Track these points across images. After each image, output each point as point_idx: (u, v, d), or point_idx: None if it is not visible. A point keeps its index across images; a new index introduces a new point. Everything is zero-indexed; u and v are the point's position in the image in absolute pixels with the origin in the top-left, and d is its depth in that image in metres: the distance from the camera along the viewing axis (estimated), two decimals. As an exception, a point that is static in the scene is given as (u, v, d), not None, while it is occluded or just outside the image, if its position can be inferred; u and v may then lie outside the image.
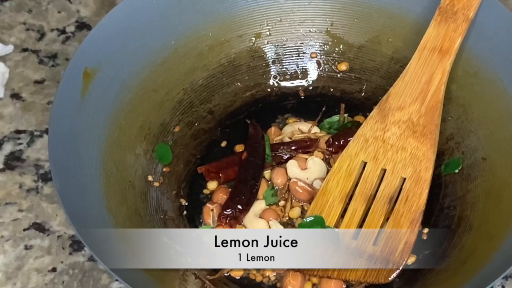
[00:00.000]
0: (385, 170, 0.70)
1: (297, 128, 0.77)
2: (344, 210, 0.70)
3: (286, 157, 0.75)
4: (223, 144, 0.78)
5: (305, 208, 0.73)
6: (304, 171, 0.74)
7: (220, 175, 0.74)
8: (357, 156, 0.71)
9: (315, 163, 0.74)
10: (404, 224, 0.68)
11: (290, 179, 0.74)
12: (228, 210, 0.71)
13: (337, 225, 0.70)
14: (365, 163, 0.71)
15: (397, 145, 0.70)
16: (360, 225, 0.70)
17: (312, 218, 0.70)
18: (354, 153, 0.71)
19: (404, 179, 0.69)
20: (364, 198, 0.70)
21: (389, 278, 0.67)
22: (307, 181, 0.74)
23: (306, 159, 0.75)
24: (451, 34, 0.70)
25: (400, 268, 0.67)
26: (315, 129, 0.77)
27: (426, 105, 0.69)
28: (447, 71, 0.70)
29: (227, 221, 0.70)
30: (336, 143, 0.75)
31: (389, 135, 0.70)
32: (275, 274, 0.69)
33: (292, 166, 0.74)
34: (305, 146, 0.76)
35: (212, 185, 0.74)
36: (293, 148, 0.75)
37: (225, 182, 0.74)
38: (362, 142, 0.71)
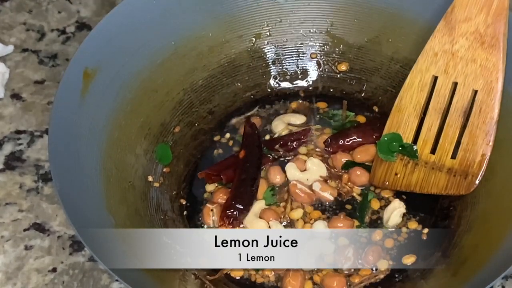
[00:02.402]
0: (456, 83, 0.70)
1: (288, 120, 0.77)
2: (419, 126, 0.72)
3: (281, 153, 0.76)
4: (223, 144, 0.78)
5: (306, 209, 0.73)
6: (304, 172, 0.74)
7: (222, 177, 0.74)
8: (428, 71, 0.71)
9: (314, 164, 0.74)
10: (479, 136, 0.69)
11: (289, 181, 0.74)
12: (231, 210, 0.71)
13: (414, 141, 0.72)
14: (436, 77, 0.71)
15: (466, 57, 0.69)
16: (437, 139, 0.71)
17: (390, 136, 0.72)
18: (425, 68, 0.71)
19: (476, 91, 0.69)
20: (438, 112, 0.71)
21: (470, 190, 0.69)
22: (307, 182, 0.74)
23: (305, 161, 0.75)
24: None
25: (479, 179, 0.69)
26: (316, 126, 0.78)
27: (492, 14, 0.68)
28: None
29: (230, 222, 0.70)
30: (335, 143, 0.75)
31: (458, 47, 0.70)
32: (273, 274, 0.69)
33: (291, 169, 0.74)
34: (299, 138, 0.76)
35: (210, 187, 0.74)
36: (288, 143, 0.75)
37: (228, 183, 0.74)
38: (431, 56, 0.71)
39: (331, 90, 0.80)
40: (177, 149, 0.76)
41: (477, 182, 0.69)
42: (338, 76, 0.80)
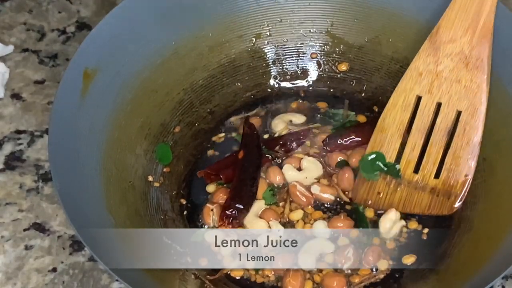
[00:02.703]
0: (440, 103, 0.70)
1: (288, 120, 0.77)
2: (403, 145, 0.72)
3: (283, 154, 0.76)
4: (223, 144, 0.78)
5: (306, 210, 0.72)
6: (301, 172, 0.74)
7: (221, 176, 0.74)
8: (412, 90, 0.71)
9: (309, 163, 0.74)
10: (463, 156, 0.69)
11: (289, 182, 0.74)
12: (230, 210, 0.70)
13: (397, 160, 0.71)
14: (420, 97, 0.71)
15: (450, 78, 0.70)
16: (420, 159, 0.71)
17: (373, 155, 0.71)
18: (409, 87, 0.71)
19: (460, 112, 0.69)
20: (422, 132, 0.71)
21: (453, 210, 0.69)
22: (306, 181, 0.73)
23: (300, 159, 0.74)
24: None
25: (462, 200, 0.69)
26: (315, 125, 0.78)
27: (477, 35, 0.68)
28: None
29: (230, 221, 0.70)
30: (333, 142, 0.75)
31: (442, 68, 0.70)
32: (273, 274, 0.69)
33: (289, 170, 0.74)
34: (299, 138, 0.76)
35: (211, 187, 0.74)
36: (287, 142, 0.75)
37: (227, 182, 0.74)
38: (415, 76, 0.71)
39: (331, 90, 0.80)
40: (177, 149, 0.76)
41: (460, 202, 0.69)
42: (338, 76, 0.80)
